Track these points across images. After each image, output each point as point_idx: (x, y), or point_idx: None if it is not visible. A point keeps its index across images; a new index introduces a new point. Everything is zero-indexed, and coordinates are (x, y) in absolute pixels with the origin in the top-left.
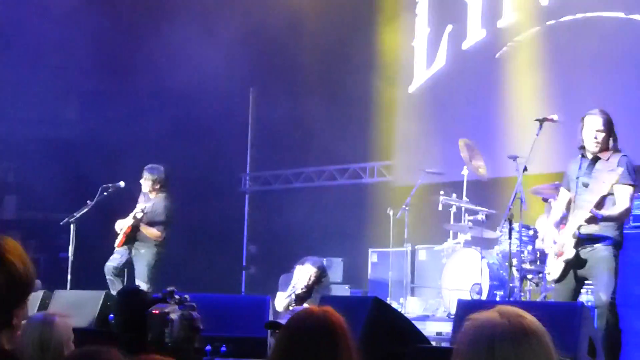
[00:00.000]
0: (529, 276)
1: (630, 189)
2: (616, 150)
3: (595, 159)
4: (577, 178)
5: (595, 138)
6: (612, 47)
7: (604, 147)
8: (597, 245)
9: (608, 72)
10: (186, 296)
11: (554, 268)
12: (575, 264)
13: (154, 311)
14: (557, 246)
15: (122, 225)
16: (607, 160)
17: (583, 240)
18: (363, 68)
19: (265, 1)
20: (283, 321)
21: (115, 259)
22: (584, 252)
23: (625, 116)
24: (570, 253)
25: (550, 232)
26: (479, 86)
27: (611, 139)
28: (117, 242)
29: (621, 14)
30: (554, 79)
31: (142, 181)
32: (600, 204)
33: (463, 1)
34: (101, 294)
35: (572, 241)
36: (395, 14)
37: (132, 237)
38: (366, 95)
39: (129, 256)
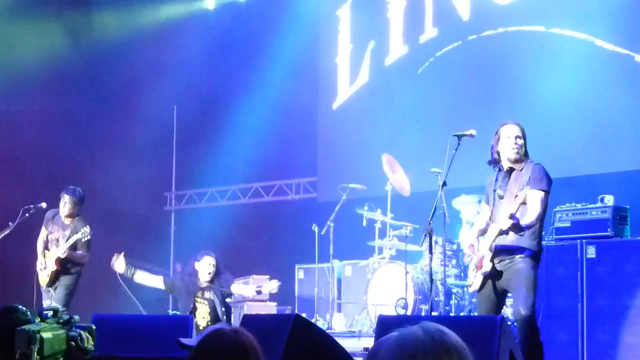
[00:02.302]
0: (454, 290)
1: (540, 194)
2: (528, 159)
3: (510, 170)
4: (494, 191)
5: (515, 144)
6: (532, 61)
7: (522, 156)
8: (514, 257)
9: (529, 86)
10: (74, 317)
11: (473, 280)
12: (494, 277)
13: (22, 329)
14: (476, 258)
15: (46, 264)
16: (520, 171)
17: (499, 252)
18: (288, 85)
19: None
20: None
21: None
22: (502, 265)
23: (543, 129)
24: (487, 266)
25: (470, 242)
26: (401, 101)
27: (525, 148)
28: (45, 281)
29: (542, 28)
30: (475, 94)
31: (62, 204)
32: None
33: (385, 17)
34: None
35: (489, 254)
36: (317, 30)
37: (58, 271)
38: (291, 112)
39: (55, 290)
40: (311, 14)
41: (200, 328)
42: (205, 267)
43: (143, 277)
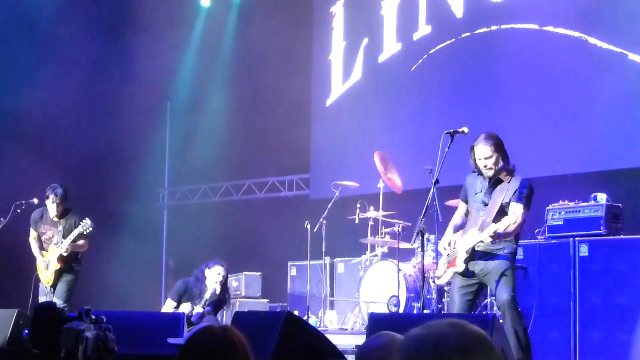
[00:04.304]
0: (446, 288)
1: (523, 211)
2: (512, 172)
3: (497, 181)
4: (476, 194)
5: (485, 166)
6: (526, 59)
7: (499, 169)
8: (490, 257)
9: (521, 83)
10: (102, 317)
11: (442, 273)
12: (467, 274)
13: (69, 327)
14: (450, 255)
15: (47, 262)
16: (508, 183)
17: (475, 253)
18: (281, 81)
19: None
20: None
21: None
22: (476, 264)
23: (536, 127)
24: (460, 267)
25: (447, 235)
26: (394, 99)
27: (501, 158)
28: (49, 281)
29: (535, 26)
30: (468, 91)
31: (49, 204)
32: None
33: (379, 14)
34: (13, 313)
35: (464, 256)
36: (310, 27)
37: (61, 269)
38: (284, 108)
39: (55, 287)
40: (305, 10)
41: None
42: (214, 275)
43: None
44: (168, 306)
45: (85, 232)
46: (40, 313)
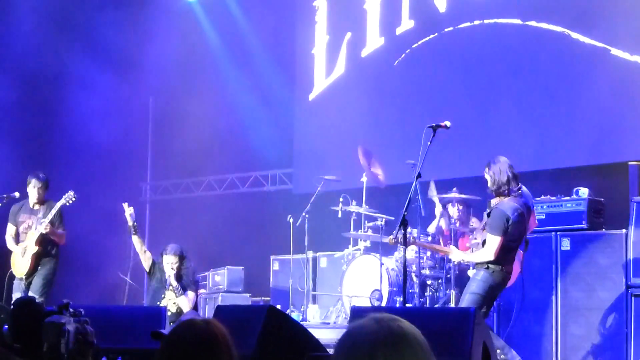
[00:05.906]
0: (429, 282)
1: (496, 239)
2: (501, 194)
3: (490, 204)
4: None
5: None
6: (509, 53)
7: (491, 190)
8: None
9: (505, 79)
10: (80, 310)
11: None
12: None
13: (51, 321)
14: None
15: (24, 248)
16: (494, 206)
17: None
18: (263, 76)
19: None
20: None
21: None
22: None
23: (519, 121)
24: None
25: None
26: (377, 93)
27: (492, 180)
28: (24, 270)
29: (518, 21)
30: (451, 86)
31: (30, 189)
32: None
33: (362, 9)
34: None
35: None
36: (294, 21)
37: (38, 255)
38: (267, 103)
39: (29, 282)
40: (288, 4)
41: (169, 314)
42: (166, 266)
43: (138, 242)
44: None
45: (67, 203)
46: (20, 308)
